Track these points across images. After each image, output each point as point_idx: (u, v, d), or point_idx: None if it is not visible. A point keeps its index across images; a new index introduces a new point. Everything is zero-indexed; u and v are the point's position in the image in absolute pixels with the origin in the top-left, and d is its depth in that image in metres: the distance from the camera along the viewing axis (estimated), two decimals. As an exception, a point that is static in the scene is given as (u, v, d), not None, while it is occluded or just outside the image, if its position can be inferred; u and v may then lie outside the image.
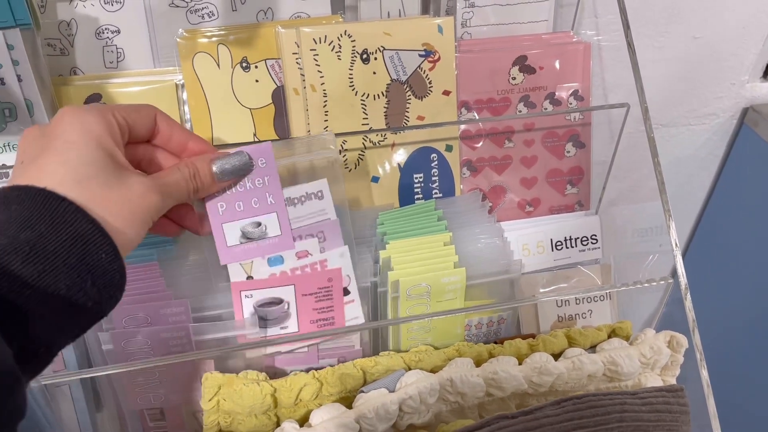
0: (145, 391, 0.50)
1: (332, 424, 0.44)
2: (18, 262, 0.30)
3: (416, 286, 0.51)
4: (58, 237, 0.31)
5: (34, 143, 0.35)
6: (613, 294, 0.62)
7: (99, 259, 0.32)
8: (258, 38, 0.56)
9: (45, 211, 0.31)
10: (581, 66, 0.62)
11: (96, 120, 0.35)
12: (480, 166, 0.62)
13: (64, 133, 0.34)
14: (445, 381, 0.47)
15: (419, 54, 0.57)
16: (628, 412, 0.43)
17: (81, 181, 0.33)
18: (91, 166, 0.34)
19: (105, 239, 0.32)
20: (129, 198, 0.35)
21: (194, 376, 0.50)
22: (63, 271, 0.31)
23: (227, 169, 0.42)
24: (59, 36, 0.54)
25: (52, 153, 0.34)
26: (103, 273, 0.32)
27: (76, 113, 0.35)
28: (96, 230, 0.32)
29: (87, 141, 0.35)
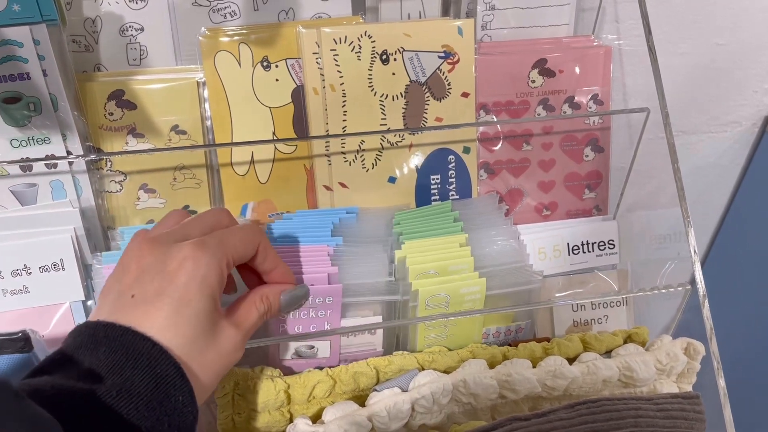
0: None
1: (345, 422, 0.44)
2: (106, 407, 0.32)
3: (435, 296, 0.51)
4: (142, 379, 0.33)
5: (151, 276, 0.37)
6: (629, 300, 0.61)
7: (177, 402, 0.34)
8: (279, 38, 0.56)
9: (130, 352, 0.33)
10: (602, 70, 0.61)
11: (214, 272, 0.38)
12: (497, 168, 0.62)
13: (185, 286, 0.36)
14: (459, 382, 0.47)
15: (439, 55, 0.57)
16: (642, 417, 0.43)
17: (186, 344, 0.36)
18: (198, 326, 0.36)
19: (185, 383, 0.34)
20: (219, 358, 0.38)
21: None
22: (144, 414, 0.32)
23: (291, 302, 0.46)
24: (84, 33, 0.55)
25: (170, 304, 0.36)
26: (180, 414, 0.34)
27: (199, 263, 0.37)
28: (178, 373, 0.34)
29: (202, 295, 0.37)
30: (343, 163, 0.59)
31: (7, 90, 0.49)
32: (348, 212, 0.57)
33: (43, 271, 0.51)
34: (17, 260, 0.51)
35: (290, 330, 0.50)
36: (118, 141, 0.55)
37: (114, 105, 0.55)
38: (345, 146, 0.59)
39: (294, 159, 0.59)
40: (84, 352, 0.34)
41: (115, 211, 0.57)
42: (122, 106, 0.55)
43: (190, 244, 0.38)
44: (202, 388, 0.37)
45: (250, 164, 0.58)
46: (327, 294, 0.49)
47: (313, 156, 0.59)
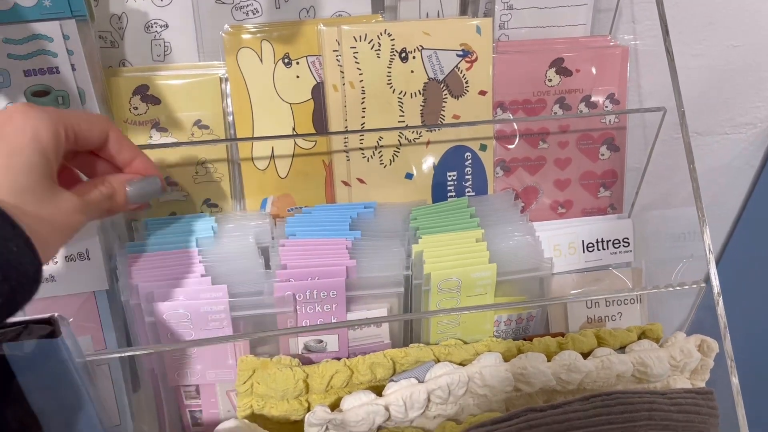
0: (183, 367, 0.52)
1: (363, 410, 0.45)
2: None
3: (447, 279, 0.52)
4: None
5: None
6: (643, 297, 0.62)
7: (10, 252, 0.32)
8: (300, 35, 0.57)
9: None
10: (618, 70, 0.62)
11: (46, 129, 0.36)
12: (513, 166, 0.62)
13: (14, 136, 0.35)
14: (474, 374, 0.48)
15: (457, 54, 0.58)
16: (656, 411, 0.43)
17: (17, 191, 0.34)
18: (31, 176, 0.34)
19: (17, 232, 0.32)
20: (56, 215, 0.36)
21: (230, 353, 0.51)
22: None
23: (139, 193, 0.44)
24: (110, 29, 0.56)
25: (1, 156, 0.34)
26: (16, 267, 0.32)
27: (29, 116, 0.36)
28: (5, 222, 0.32)
29: (33, 148, 0.35)
30: (361, 159, 0.60)
31: (37, 83, 0.51)
32: (366, 207, 0.58)
33: (69, 260, 0.53)
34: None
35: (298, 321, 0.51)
36: (142, 135, 0.57)
37: (139, 99, 0.56)
38: (363, 142, 0.59)
39: (313, 154, 0.60)
40: None
41: (138, 202, 0.58)
42: (147, 100, 0.56)
43: (20, 103, 0.37)
44: (42, 243, 0.34)
45: (270, 159, 0.59)
46: (331, 288, 0.50)
47: (332, 152, 0.60)
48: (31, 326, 0.42)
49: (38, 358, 0.43)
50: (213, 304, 0.48)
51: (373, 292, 0.52)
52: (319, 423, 0.45)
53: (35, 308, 0.54)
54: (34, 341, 0.43)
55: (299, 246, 0.53)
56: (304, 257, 0.52)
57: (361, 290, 0.51)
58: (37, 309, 0.54)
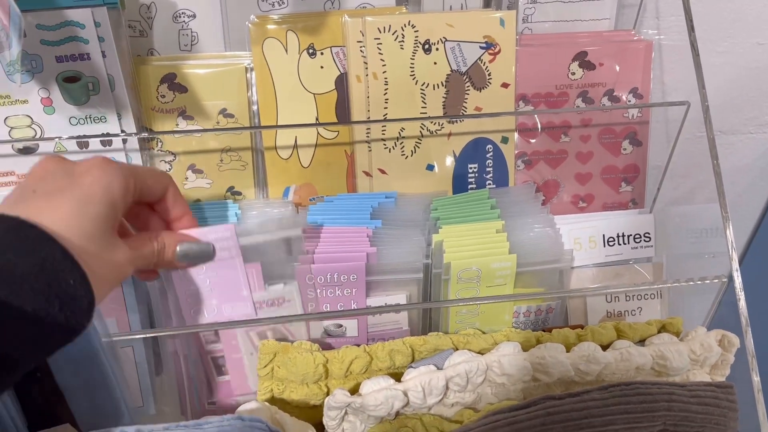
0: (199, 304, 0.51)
1: (381, 395, 0.45)
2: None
3: (467, 269, 0.52)
4: (26, 262, 0.32)
5: (55, 177, 0.37)
6: (664, 293, 0.62)
7: (68, 285, 0.33)
8: (325, 26, 0.58)
9: (15, 238, 0.33)
10: (642, 64, 0.62)
11: (119, 184, 0.38)
12: (535, 159, 0.63)
13: (89, 186, 0.37)
14: (493, 362, 0.48)
15: (480, 46, 0.59)
16: (675, 402, 0.43)
17: (83, 236, 0.35)
18: (97, 224, 0.36)
19: (75, 267, 0.34)
20: (112, 265, 0.38)
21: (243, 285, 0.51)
22: (30, 295, 0.32)
23: (189, 255, 0.45)
24: (139, 18, 0.57)
25: (71, 200, 0.36)
26: (72, 299, 0.33)
27: (105, 170, 0.38)
28: (66, 257, 0.33)
29: (105, 200, 0.37)
30: (383, 149, 0.60)
31: (68, 69, 0.52)
32: (387, 197, 0.59)
33: (96, 243, 0.54)
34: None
35: (318, 306, 0.52)
36: (168, 122, 0.58)
37: (166, 88, 0.57)
38: (385, 133, 0.60)
39: (335, 144, 0.61)
40: None
41: (164, 189, 0.59)
42: (174, 89, 0.57)
43: (100, 157, 0.39)
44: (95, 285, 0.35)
45: (293, 148, 0.60)
46: (351, 272, 0.51)
47: (354, 142, 0.60)
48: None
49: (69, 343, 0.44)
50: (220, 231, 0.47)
51: (393, 277, 0.52)
52: (339, 406, 0.46)
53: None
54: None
55: (321, 233, 0.54)
56: (326, 244, 0.53)
57: (381, 275, 0.52)
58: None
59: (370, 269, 0.52)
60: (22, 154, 0.55)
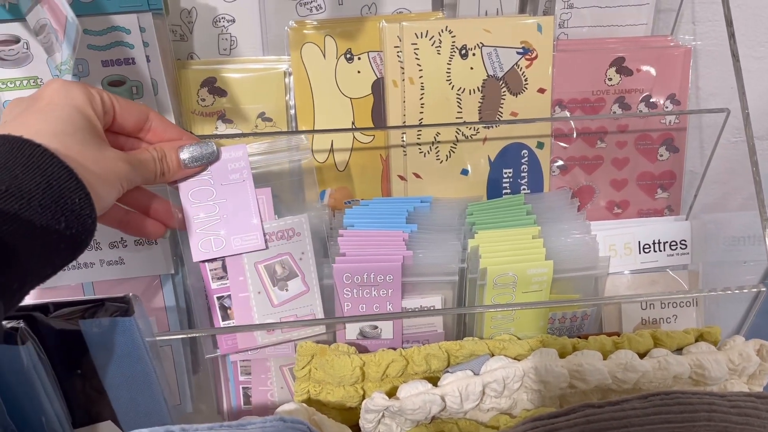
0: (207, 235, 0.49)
1: (419, 399, 0.45)
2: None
3: (503, 275, 0.52)
4: (33, 179, 0.32)
5: (18, 106, 0.38)
6: (700, 301, 0.61)
7: (73, 203, 0.34)
8: (362, 31, 0.58)
9: (20, 157, 0.33)
10: (680, 70, 0.61)
11: (80, 91, 0.38)
12: (570, 165, 0.62)
13: (49, 97, 0.37)
14: (530, 369, 0.48)
15: (517, 51, 0.59)
16: (716, 412, 0.43)
17: (58, 134, 0.35)
18: (69, 124, 0.36)
19: (78, 185, 0.34)
20: (102, 160, 0.37)
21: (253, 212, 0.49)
22: (38, 211, 0.32)
23: (194, 156, 0.45)
24: (180, 23, 0.58)
25: (34, 112, 0.36)
26: (77, 216, 0.34)
27: (63, 83, 0.38)
28: (70, 175, 0.34)
29: (69, 105, 0.37)
30: (418, 154, 0.61)
31: (113, 74, 0.53)
32: (422, 201, 0.59)
33: (138, 244, 0.55)
34: (115, 233, 0.54)
35: (354, 310, 0.52)
36: (208, 126, 0.59)
37: (206, 91, 0.58)
38: (421, 138, 0.60)
39: (371, 149, 0.61)
40: None
41: (203, 191, 0.60)
42: (213, 92, 0.58)
43: (58, 78, 0.39)
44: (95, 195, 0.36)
45: (329, 152, 0.60)
46: (388, 272, 0.51)
47: (390, 146, 0.61)
48: (108, 304, 0.44)
49: (111, 334, 0.45)
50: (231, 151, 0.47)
51: (428, 279, 0.53)
52: (377, 410, 0.46)
53: (103, 289, 0.56)
54: (109, 318, 0.45)
55: (357, 236, 0.54)
56: (362, 247, 0.53)
57: (417, 277, 0.52)
58: (105, 290, 0.56)
59: (405, 270, 0.52)
60: (67, 156, 0.56)
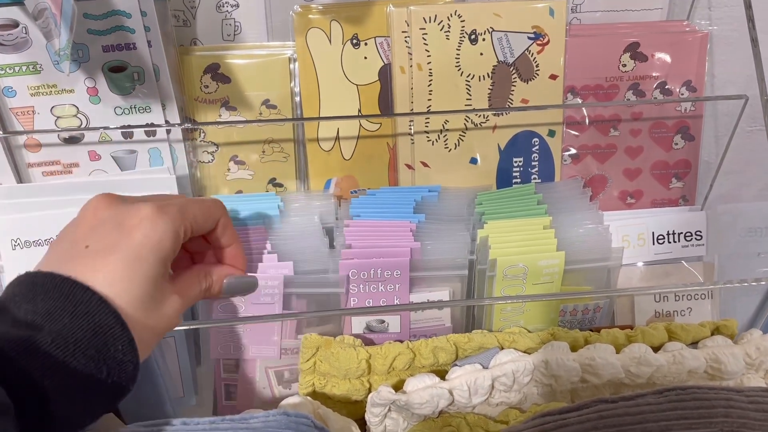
0: (228, 341, 0.52)
1: (427, 393, 0.44)
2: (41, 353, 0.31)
3: (513, 266, 0.51)
4: (80, 327, 0.32)
5: (106, 229, 0.37)
6: (715, 293, 0.59)
7: (116, 351, 0.33)
8: (369, 16, 0.57)
9: (71, 302, 0.33)
10: (696, 56, 0.60)
11: (170, 237, 0.37)
12: (582, 153, 0.61)
13: (140, 245, 0.36)
14: (540, 363, 0.47)
15: (528, 36, 0.57)
16: (733, 408, 0.42)
17: (133, 300, 0.35)
18: (148, 286, 0.36)
19: (125, 332, 0.34)
20: (160, 323, 0.37)
21: (276, 330, 0.51)
22: (82, 361, 0.32)
23: (234, 291, 0.45)
24: (183, 8, 0.56)
25: (122, 261, 0.35)
26: (119, 364, 0.34)
27: (156, 225, 0.37)
28: (117, 322, 0.33)
29: (156, 258, 0.36)
30: (425, 142, 0.59)
31: (114, 59, 0.52)
32: (430, 190, 0.58)
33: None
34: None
35: (361, 304, 0.51)
36: (212, 113, 0.57)
37: (209, 78, 0.57)
38: (429, 125, 0.59)
39: (378, 137, 0.60)
40: (20, 300, 0.33)
41: (207, 180, 0.59)
42: (217, 79, 0.57)
43: (150, 205, 0.38)
44: (142, 346, 0.36)
45: (335, 140, 0.59)
46: (395, 267, 0.50)
47: (397, 134, 0.59)
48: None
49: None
50: (268, 279, 0.48)
51: (436, 273, 0.51)
52: (383, 403, 0.45)
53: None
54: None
55: (364, 227, 0.53)
56: (368, 238, 0.52)
57: (425, 271, 0.51)
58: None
59: (413, 265, 0.51)
60: (68, 144, 0.55)
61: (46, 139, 0.54)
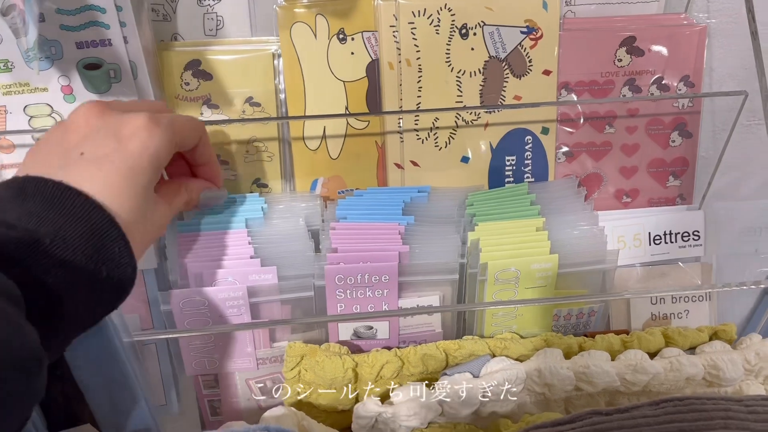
0: (201, 356, 0.50)
1: (414, 404, 0.43)
2: (41, 252, 0.31)
3: (505, 270, 0.49)
4: (75, 229, 0.33)
5: (101, 136, 0.37)
6: (713, 295, 0.58)
7: (113, 252, 0.34)
8: (356, 10, 0.55)
9: (65, 205, 0.33)
10: (695, 51, 0.58)
11: (165, 147, 0.39)
12: (577, 151, 0.59)
13: (138, 155, 0.37)
14: (533, 371, 0.45)
15: (521, 30, 0.55)
16: (733, 419, 0.40)
17: (130, 208, 0.36)
18: (142, 196, 0.37)
19: (120, 235, 0.35)
20: (151, 228, 0.39)
21: (248, 341, 0.50)
22: (81, 260, 0.33)
23: (209, 203, 0.49)
24: (162, 2, 0.54)
25: (120, 170, 0.36)
26: (117, 266, 0.34)
27: (153, 134, 0.38)
28: (111, 225, 0.34)
29: (153, 167, 0.38)
30: (415, 140, 0.57)
31: (89, 56, 0.50)
32: (420, 191, 0.56)
33: (118, 237, 0.52)
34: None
35: (348, 310, 0.50)
36: (193, 111, 0.55)
37: (190, 75, 0.55)
38: (418, 123, 0.57)
39: (366, 135, 0.58)
40: (10, 205, 0.33)
41: (188, 181, 0.57)
42: (198, 76, 0.55)
43: (144, 115, 0.38)
44: (137, 249, 0.37)
45: (321, 139, 0.57)
46: (383, 273, 0.48)
47: (386, 132, 0.57)
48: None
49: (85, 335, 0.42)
50: (230, 290, 0.47)
51: (426, 278, 0.49)
52: (369, 416, 0.43)
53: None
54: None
55: (350, 229, 0.51)
56: (355, 241, 0.50)
57: (414, 276, 0.49)
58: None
59: (402, 269, 0.49)
60: (43, 144, 0.53)
61: (20, 139, 0.52)
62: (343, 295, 0.49)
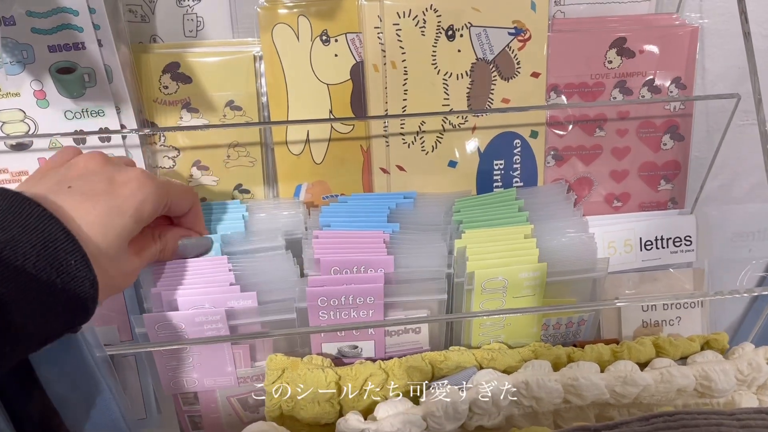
0: (179, 376, 0.49)
1: (398, 420, 0.41)
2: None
3: (492, 279, 0.48)
4: (28, 239, 0.33)
5: (94, 179, 0.38)
6: (705, 302, 0.57)
7: (68, 264, 0.34)
8: (339, 10, 0.53)
9: (19, 215, 0.33)
10: (686, 52, 0.56)
11: (152, 202, 0.40)
12: (567, 155, 0.58)
13: (124, 200, 0.38)
14: (521, 384, 0.44)
15: (509, 32, 0.54)
16: (725, 434, 0.39)
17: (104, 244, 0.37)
18: (121, 237, 0.38)
19: (75, 246, 0.34)
20: (119, 278, 0.39)
21: (228, 360, 0.49)
22: (33, 272, 0.32)
23: (189, 251, 0.47)
24: (140, 2, 0.53)
25: (105, 207, 0.37)
26: (73, 278, 0.34)
27: (143, 184, 0.39)
28: (67, 237, 0.34)
29: (134, 217, 0.39)
30: (401, 144, 0.56)
31: (62, 60, 0.48)
32: (405, 197, 0.55)
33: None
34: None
35: (332, 335, 0.48)
36: (172, 115, 0.54)
37: (169, 78, 0.53)
38: (404, 127, 0.56)
39: (351, 139, 0.56)
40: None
41: (168, 187, 0.55)
42: (177, 79, 0.53)
43: (140, 170, 0.40)
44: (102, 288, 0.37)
45: (305, 143, 0.56)
46: (368, 294, 0.47)
47: (371, 137, 0.56)
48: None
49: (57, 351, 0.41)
50: (207, 314, 0.45)
51: (412, 299, 0.48)
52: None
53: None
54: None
55: (334, 238, 0.50)
56: (339, 251, 0.48)
57: (400, 296, 0.48)
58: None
59: (389, 290, 0.47)
60: (15, 150, 0.51)
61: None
62: (327, 317, 0.47)
